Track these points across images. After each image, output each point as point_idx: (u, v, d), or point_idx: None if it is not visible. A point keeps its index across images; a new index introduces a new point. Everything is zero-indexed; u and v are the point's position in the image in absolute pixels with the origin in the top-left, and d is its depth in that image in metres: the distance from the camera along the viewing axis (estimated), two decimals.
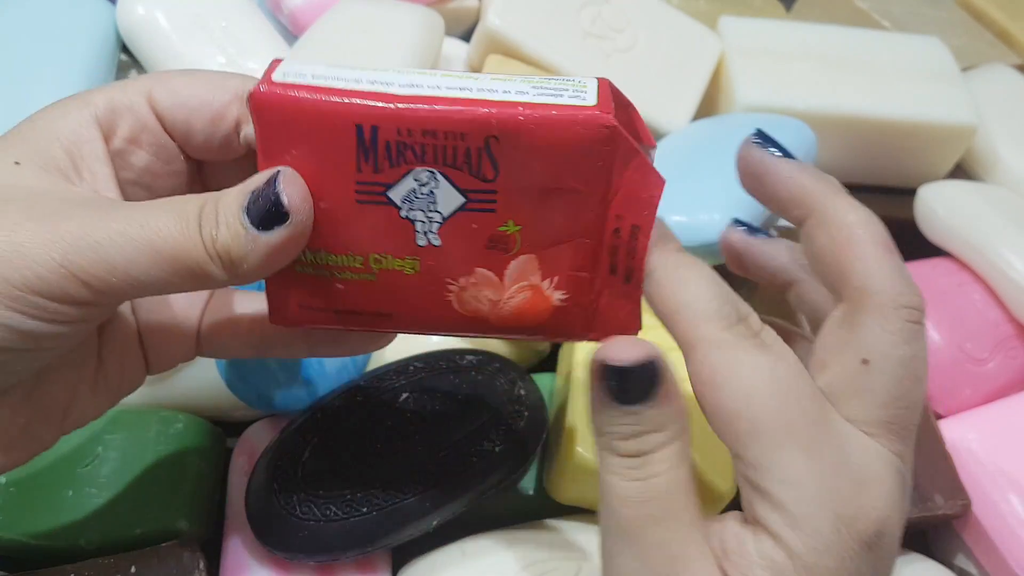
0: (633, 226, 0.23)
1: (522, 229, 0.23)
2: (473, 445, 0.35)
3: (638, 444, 0.22)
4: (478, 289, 0.24)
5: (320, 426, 0.35)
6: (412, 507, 0.34)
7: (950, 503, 0.38)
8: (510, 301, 0.24)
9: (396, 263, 0.23)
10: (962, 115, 0.51)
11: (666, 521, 0.22)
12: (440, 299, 0.24)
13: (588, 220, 0.23)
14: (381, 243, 0.23)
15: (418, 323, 0.25)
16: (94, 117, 0.24)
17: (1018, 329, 0.45)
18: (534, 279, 0.23)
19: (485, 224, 0.23)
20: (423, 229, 0.23)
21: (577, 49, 0.49)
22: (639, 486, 0.22)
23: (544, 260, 0.23)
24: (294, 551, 0.33)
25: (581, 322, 0.24)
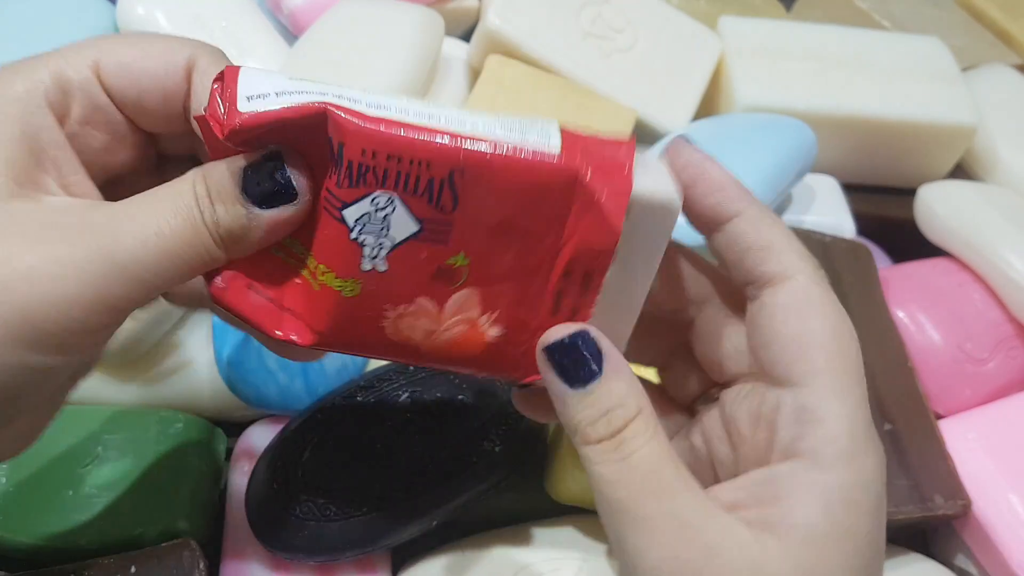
0: (585, 273, 0.23)
1: (471, 263, 0.23)
2: (473, 445, 0.35)
3: (607, 424, 0.22)
4: (415, 319, 0.23)
5: (320, 426, 0.35)
6: (412, 507, 0.34)
7: (950, 503, 0.38)
8: (444, 333, 0.24)
9: (336, 283, 0.23)
10: (962, 115, 0.51)
11: (662, 491, 0.22)
12: (374, 325, 0.23)
13: (537, 261, 0.23)
14: (328, 258, 0.23)
15: (344, 344, 0.24)
16: (45, 100, 0.23)
17: (1018, 329, 0.45)
18: (472, 313, 0.23)
19: (435, 254, 0.22)
20: (370, 254, 0.22)
21: (577, 49, 0.49)
22: (623, 466, 0.22)
23: (487, 296, 0.23)
24: (294, 551, 0.33)
25: (511, 360, 0.24)
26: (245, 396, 0.37)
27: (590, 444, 0.23)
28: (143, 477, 0.35)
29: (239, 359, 0.37)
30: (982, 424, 0.41)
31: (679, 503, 0.22)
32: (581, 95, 0.46)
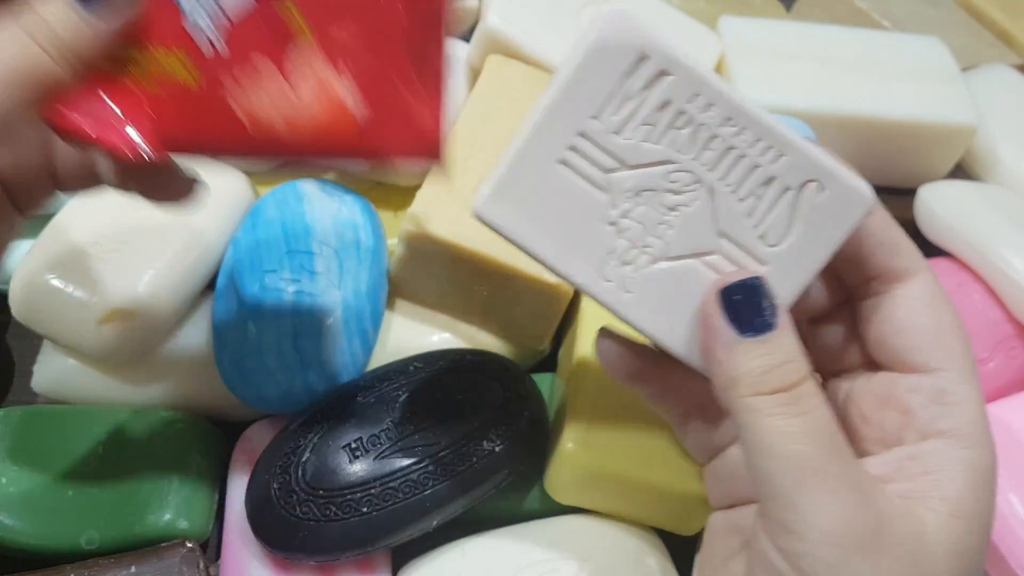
0: (429, 9, 0.22)
1: (302, 9, 0.22)
2: (473, 445, 0.35)
3: (783, 377, 0.22)
4: (260, 89, 0.23)
5: (320, 426, 0.35)
6: (412, 507, 0.34)
7: None
8: (302, 112, 0.23)
9: (181, 74, 0.23)
10: (962, 115, 0.51)
11: (841, 452, 0.22)
12: (224, 114, 0.23)
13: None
14: (167, 51, 0.22)
15: (199, 143, 0.24)
16: None
17: (1018, 329, 0.45)
18: (320, 70, 0.23)
19: (267, 16, 0.22)
20: (208, 36, 0.22)
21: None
22: (805, 420, 0.22)
23: (327, 44, 0.22)
24: (294, 551, 0.33)
25: (379, 131, 0.23)
26: (245, 396, 0.37)
27: (762, 395, 0.22)
28: (143, 477, 0.35)
29: (239, 359, 0.37)
30: None
31: (854, 468, 0.22)
32: None
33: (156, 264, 0.38)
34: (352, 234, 0.39)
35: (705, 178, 0.24)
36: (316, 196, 0.40)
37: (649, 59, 0.23)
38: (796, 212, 0.24)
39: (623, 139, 0.23)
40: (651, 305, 0.24)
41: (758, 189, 0.24)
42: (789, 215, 0.24)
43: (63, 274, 0.37)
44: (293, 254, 0.38)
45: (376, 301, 0.39)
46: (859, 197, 0.24)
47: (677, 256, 0.24)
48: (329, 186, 0.41)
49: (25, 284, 0.37)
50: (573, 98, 0.23)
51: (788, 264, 0.24)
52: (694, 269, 0.24)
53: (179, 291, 0.39)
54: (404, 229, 0.39)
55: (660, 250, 0.24)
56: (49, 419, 0.36)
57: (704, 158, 0.24)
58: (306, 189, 0.41)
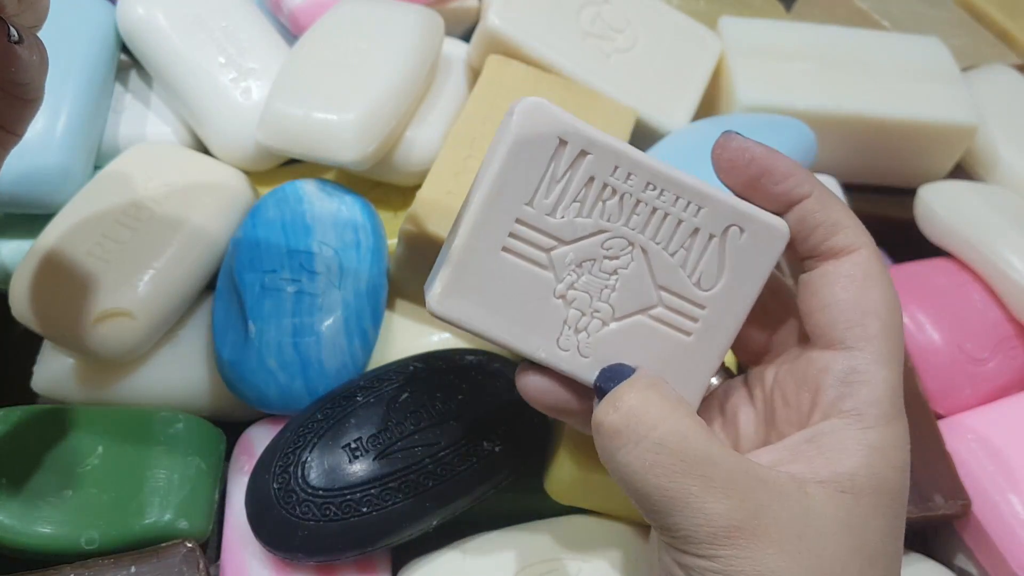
0: None
1: None
2: (473, 445, 0.35)
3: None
4: None
5: (320, 426, 0.35)
6: (412, 507, 0.34)
7: (950, 503, 0.38)
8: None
9: None
10: (962, 115, 0.51)
11: (708, 455, 0.24)
12: None
13: None
14: None
15: None
16: None
17: (1018, 329, 0.45)
18: None
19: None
20: None
21: (577, 49, 0.48)
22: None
23: None
24: (294, 551, 0.33)
25: None
26: (245, 396, 0.37)
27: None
28: (143, 477, 0.35)
29: (239, 359, 0.37)
30: (982, 424, 0.41)
31: (727, 463, 0.23)
32: (581, 95, 0.46)
33: (156, 264, 0.38)
34: (352, 234, 0.39)
35: (637, 240, 0.26)
36: (316, 196, 0.40)
37: (568, 143, 0.25)
38: (724, 255, 0.26)
39: (557, 219, 0.26)
40: (607, 363, 0.27)
41: (686, 241, 0.26)
42: (718, 259, 0.27)
43: (62, 274, 0.37)
44: (293, 254, 0.38)
45: (376, 301, 0.39)
46: (776, 232, 0.26)
47: (624, 315, 0.27)
48: (329, 186, 0.41)
49: (25, 284, 0.37)
50: (506, 190, 0.25)
51: (725, 301, 0.27)
52: (641, 323, 0.27)
53: (178, 291, 0.39)
54: (404, 229, 0.39)
55: (608, 313, 0.27)
56: (49, 419, 0.36)
57: (633, 222, 0.26)
58: (306, 189, 0.41)
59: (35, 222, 0.41)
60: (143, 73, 0.50)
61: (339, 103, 0.41)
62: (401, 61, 0.44)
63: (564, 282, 0.26)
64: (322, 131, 0.40)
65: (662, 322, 0.27)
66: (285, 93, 0.42)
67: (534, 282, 0.26)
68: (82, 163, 0.43)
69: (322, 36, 0.46)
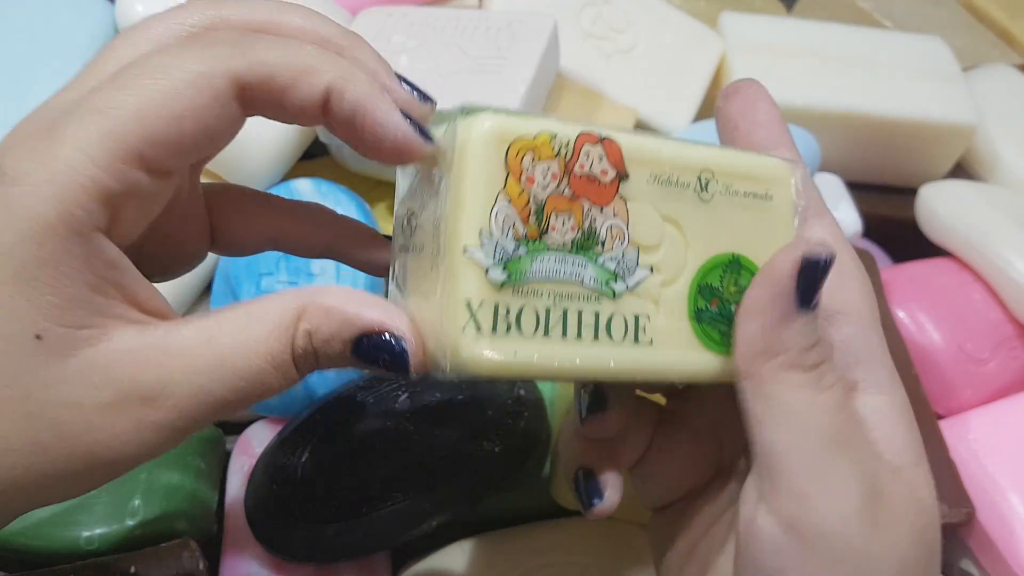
0: None
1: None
2: (473, 445, 0.35)
3: (818, 353, 0.22)
4: None
5: (320, 426, 0.35)
6: (412, 507, 0.33)
7: (954, 511, 0.37)
8: None
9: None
10: (962, 114, 0.51)
11: (859, 424, 0.22)
12: None
13: None
14: None
15: None
16: (91, 223, 0.19)
17: (1018, 329, 0.45)
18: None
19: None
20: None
21: (578, 50, 0.49)
22: (834, 394, 0.22)
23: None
24: (293, 551, 0.33)
25: None
26: None
27: (797, 370, 0.22)
28: (143, 477, 0.35)
29: None
30: (983, 425, 0.41)
31: (866, 443, 0.22)
32: (582, 95, 0.46)
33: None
34: None
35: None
36: (312, 196, 0.40)
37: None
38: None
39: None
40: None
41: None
42: None
43: None
44: (290, 256, 0.38)
45: None
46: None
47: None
48: (325, 185, 0.41)
49: None
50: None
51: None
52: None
53: (174, 295, 0.39)
54: None
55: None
56: None
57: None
58: (302, 188, 0.41)
59: None
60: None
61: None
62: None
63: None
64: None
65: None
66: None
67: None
68: None
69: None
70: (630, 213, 0.23)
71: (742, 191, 0.24)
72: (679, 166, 0.24)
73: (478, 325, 0.21)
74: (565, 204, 0.23)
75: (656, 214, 0.24)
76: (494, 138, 0.22)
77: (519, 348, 0.22)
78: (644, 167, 0.23)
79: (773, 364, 0.22)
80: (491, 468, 0.35)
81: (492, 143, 0.22)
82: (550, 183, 0.22)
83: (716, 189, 0.24)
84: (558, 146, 0.22)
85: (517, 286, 0.22)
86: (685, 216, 0.24)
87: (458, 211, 0.21)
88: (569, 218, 0.23)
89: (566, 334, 0.23)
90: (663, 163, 0.24)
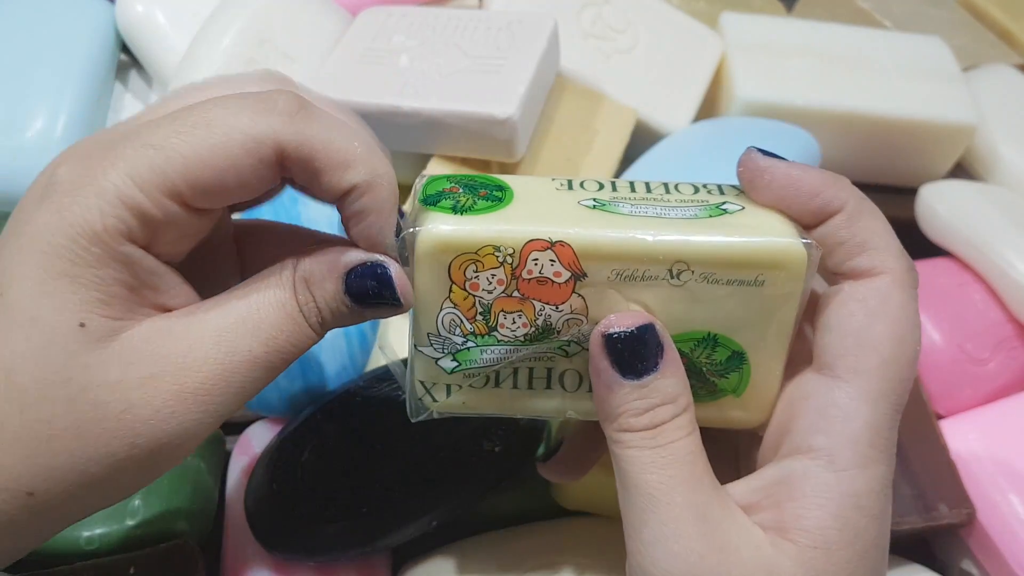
0: None
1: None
2: (473, 445, 0.35)
3: (651, 417, 0.23)
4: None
5: (320, 426, 0.35)
6: (412, 507, 0.34)
7: (955, 512, 0.37)
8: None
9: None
10: (962, 114, 0.51)
11: (690, 482, 0.22)
12: None
13: None
14: None
15: None
16: (128, 237, 0.21)
17: (1019, 329, 0.45)
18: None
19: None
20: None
21: (578, 50, 0.48)
22: (658, 452, 0.23)
23: None
24: (293, 551, 0.33)
25: None
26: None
27: (630, 431, 0.23)
28: None
29: None
30: (982, 425, 0.41)
31: (704, 497, 0.22)
32: (582, 95, 0.46)
33: None
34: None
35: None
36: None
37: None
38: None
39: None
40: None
41: None
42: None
43: None
44: None
45: None
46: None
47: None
48: None
49: None
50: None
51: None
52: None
53: None
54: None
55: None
56: None
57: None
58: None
59: None
60: (143, 73, 0.50)
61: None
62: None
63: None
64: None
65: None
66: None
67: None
68: None
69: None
70: (589, 305, 0.24)
71: (724, 279, 0.23)
72: (647, 261, 0.23)
73: (433, 397, 0.26)
74: (514, 305, 0.24)
75: (620, 298, 0.24)
76: (434, 253, 0.23)
77: (467, 399, 0.26)
78: (605, 264, 0.23)
79: (611, 426, 0.24)
80: (491, 468, 0.35)
81: (433, 258, 0.23)
82: (496, 288, 0.23)
83: (691, 279, 0.23)
84: (502, 256, 0.23)
85: (468, 371, 0.25)
86: (654, 299, 0.24)
87: (415, 314, 0.24)
88: (520, 316, 0.24)
89: (516, 387, 0.26)
90: (627, 260, 0.23)
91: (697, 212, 0.24)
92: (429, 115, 0.40)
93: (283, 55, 0.44)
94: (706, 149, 0.45)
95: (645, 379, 0.23)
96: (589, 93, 0.47)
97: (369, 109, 0.41)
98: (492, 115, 0.39)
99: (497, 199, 0.24)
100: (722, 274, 0.23)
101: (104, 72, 0.46)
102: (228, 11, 0.44)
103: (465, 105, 0.40)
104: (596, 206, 0.24)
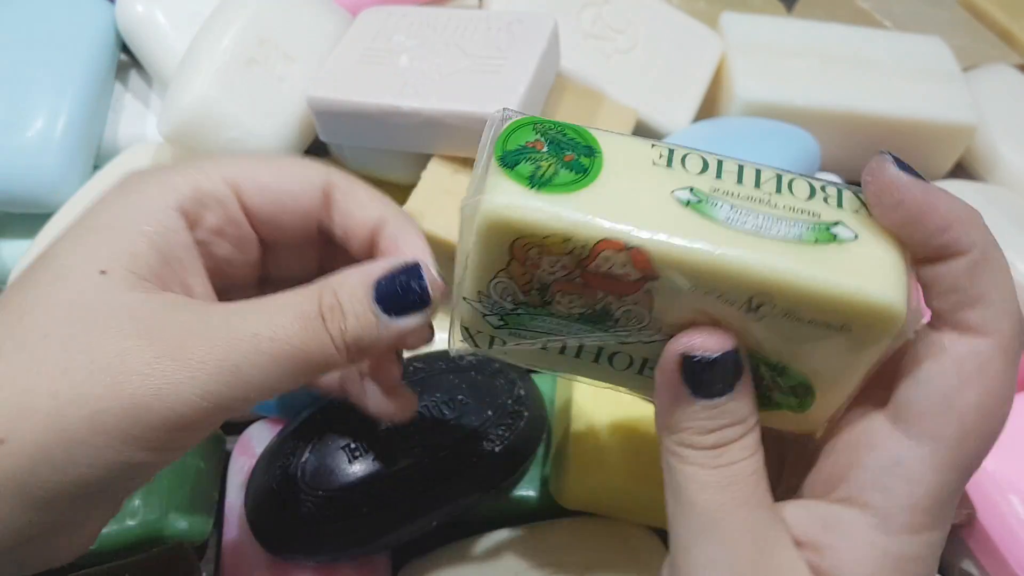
0: None
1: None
2: (473, 445, 0.35)
3: (718, 437, 0.22)
4: None
5: (320, 426, 0.35)
6: (412, 507, 0.33)
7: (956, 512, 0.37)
8: None
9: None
10: (962, 114, 0.51)
11: (749, 505, 0.22)
12: None
13: None
14: None
15: None
16: (179, 204, 0.24)
17: None
18: None
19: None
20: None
21: (577, 50, 0.49)
22: (720, 472, 0.22)
23: None
24: (294, 551, 0.33)
25: None
26: None
27: (693, 448, 0.22)
28: None
29: None
30: None
31: (762, 522, 0.22)
32: (582, 95, 0.46)
33: None
34: None
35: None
36: None
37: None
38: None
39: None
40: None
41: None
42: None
43: None
44: None
45: None
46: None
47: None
48: None
49: None
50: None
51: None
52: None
53: None
54: None
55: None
56: None
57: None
58: None
59: (34, 222, 0.41)
60: (143, 73, 0.50)
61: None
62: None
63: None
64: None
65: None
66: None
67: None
68: (81, 163, 0.43)
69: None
70: (655, 302, 0.22)
71: (807, 318, 0.21)
72: (728, 283, 0.21)
73: (475, 342, 0.24)
74: (575, 288, 0.22)
75: (691, 304, 0.22)
76: (497, 230, 0.21)
77: (509, 352, 0.25)
78: (682, 275, 0.21)
79: (670, 439, 0.23)
80: (491, 468, 0.35)
81: (495, 232, 0.21)
82: (559, 271, 0.22)
83: (769, 312, 0.21)
84: (571, 247, 0.21)
85: (514, 331, 0.23)
86: (724, 316, 0.22)
87: (464, 271, 0.22)
88: (578, 298, 0.22)
89: (563, 353, 0.24)
90: (707, 281, 0.21)
91: (803, 232, 0.21)
92: (429, 115, 0.40)
93: (283, 55, 0.44)
94: (706, 149, 0.45)
95: (717, 400, 0.22)
96: (589, 93, 0.47)
97: (369, 109, 0.40)
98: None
99: (582, 170, 0.21)
100: (806, 314, 0.21)
101: (104, 72, 0.46)
102: (228, 11, 0.44)
103: (465, 105, 0.40)
104: (691, 202, 0.21)
